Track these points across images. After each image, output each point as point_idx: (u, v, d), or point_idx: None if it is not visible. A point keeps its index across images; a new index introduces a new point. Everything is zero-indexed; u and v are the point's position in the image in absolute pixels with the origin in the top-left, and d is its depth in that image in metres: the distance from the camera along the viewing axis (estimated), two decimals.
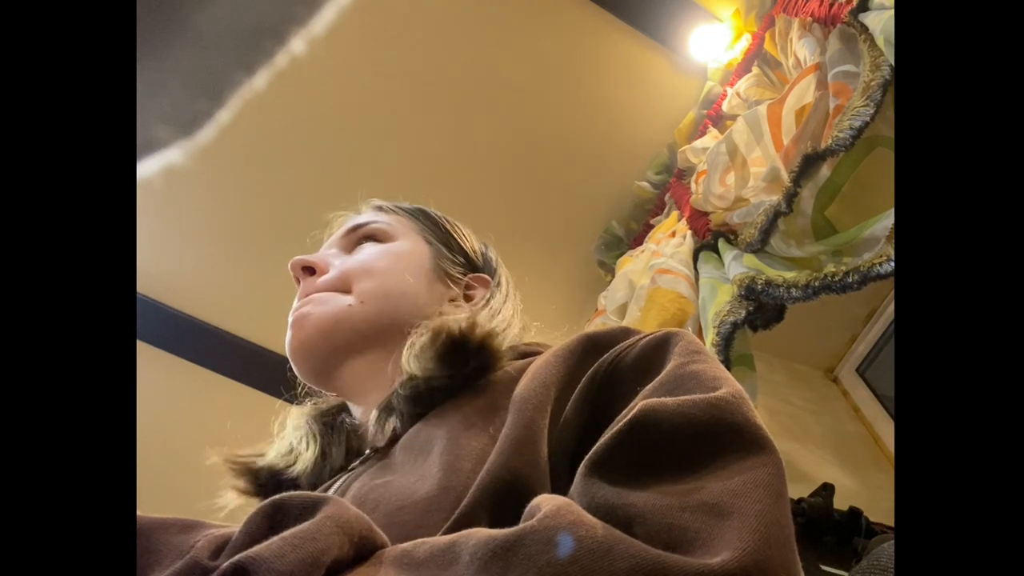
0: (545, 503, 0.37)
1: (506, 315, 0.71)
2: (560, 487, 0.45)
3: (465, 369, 0.59)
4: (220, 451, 0.67)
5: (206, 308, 2.12)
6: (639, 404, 0.43)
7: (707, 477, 0.39)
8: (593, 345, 0.55)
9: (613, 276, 1.89)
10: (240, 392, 2.16)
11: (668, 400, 0.42)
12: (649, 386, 0.47)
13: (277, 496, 0.43)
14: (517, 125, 1.97)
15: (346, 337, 0.66)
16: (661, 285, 1.53)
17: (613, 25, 1.84)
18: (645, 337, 0.53)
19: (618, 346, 0.53)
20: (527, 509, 0.39)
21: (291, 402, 0.73)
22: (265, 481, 0.66)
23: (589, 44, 1.87)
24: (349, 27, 1.75)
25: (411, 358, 0.60)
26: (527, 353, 0.63)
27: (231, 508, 0.66)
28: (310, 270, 0.70)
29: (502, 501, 0.45)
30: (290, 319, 0.68)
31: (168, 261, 2.06)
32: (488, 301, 0.71)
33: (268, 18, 0.22)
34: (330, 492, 0.57)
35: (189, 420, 2.23)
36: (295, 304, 0.68)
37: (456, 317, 0.62)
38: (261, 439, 0.71)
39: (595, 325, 1.81)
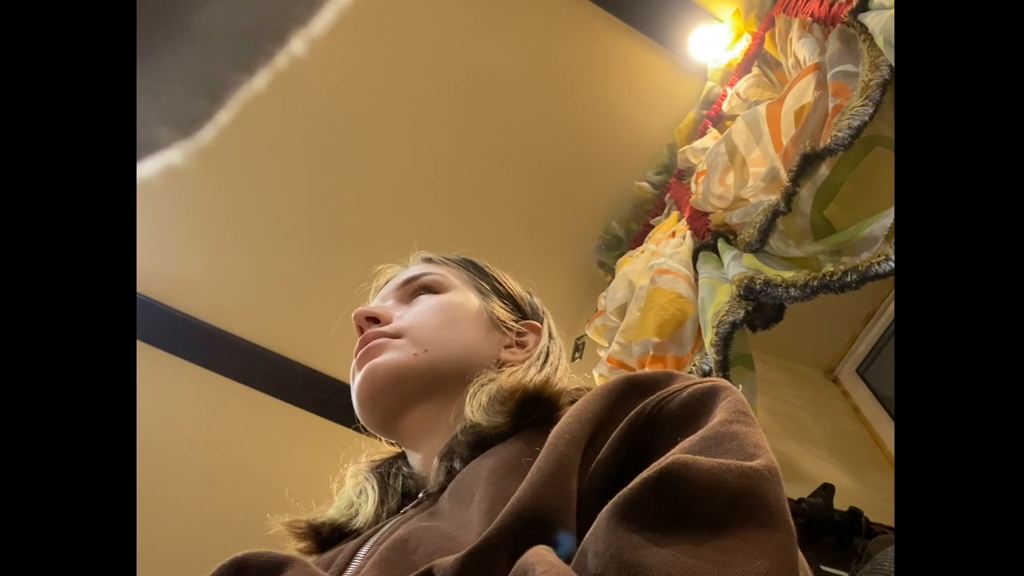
0: (539, 566, 0.38)
1: (563, 365, 0.74)
2: (587, 525, 0.45)
3: (527, 420, 0.61)
4: (281, 519, 0.69)
5: (206, 308, 2.12)
6: (673, 455, 0.43)
7: (726, 549, 0.39)
8: (634, 387, 0.55)
9: (613, 276, 1.89)
10: (240, 392, 2.16)
11: (703, 459, 0.42)
12: (690, 438, 0.47)
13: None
14: (517, 126, 1.97)
15: (413, 385, 0.68)
16: (661, 285, 1.53)
17: (613, 25, 1.84)
18: (692, 385, 0.53)
19: (663, 391, 0.53)
20: (516, 567, 0.40)
21: (292, 402, 0.74)
22: (328, 535, 0.68)
23: (589, 44, 1.87)
24: (349, 27, 1.75)
25: (477, 408, 0.62)
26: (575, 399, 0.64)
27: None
28: (374, 320, 0.72)
29: (527, 530, 0.45)
30: (355, 367, 0.70)
31: (168, 261, 2.06)
32: (545, 350, 0.74)
33: (268, 18, 0.22)
34: (380, 534, 0.59)
35: (189, 421, 2.22)
36: (356, 350, 0.71)
37: (528, 375, 0.65)
38: (262, 441, 0.71)
39: (594, 327, 1.81)
